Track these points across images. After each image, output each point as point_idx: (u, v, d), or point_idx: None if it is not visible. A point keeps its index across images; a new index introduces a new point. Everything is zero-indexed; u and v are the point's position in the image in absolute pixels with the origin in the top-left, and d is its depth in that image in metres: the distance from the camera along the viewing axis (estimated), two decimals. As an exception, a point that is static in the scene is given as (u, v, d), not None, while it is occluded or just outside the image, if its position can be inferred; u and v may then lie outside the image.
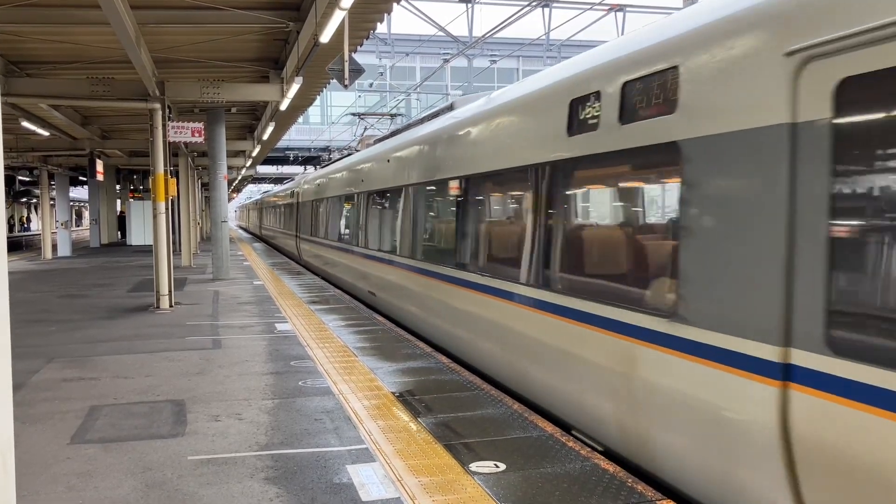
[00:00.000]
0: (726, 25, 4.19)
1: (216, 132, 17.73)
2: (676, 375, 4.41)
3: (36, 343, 9.63)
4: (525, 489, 4.43)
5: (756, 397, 3.77)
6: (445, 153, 9.03)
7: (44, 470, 4.91)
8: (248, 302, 13.49)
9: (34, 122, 18.09)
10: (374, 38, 36.42)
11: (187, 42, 12.16)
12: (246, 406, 6.41)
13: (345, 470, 4.80)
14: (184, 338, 9.84)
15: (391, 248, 11.44)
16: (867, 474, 3.19)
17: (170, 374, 7.71)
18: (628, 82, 5.02)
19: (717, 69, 4.17)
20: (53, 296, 15.15)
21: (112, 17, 8.81)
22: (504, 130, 7.20)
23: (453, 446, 5.22)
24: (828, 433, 3.38)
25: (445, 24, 28.86)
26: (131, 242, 35.41)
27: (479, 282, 7.66)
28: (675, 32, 4.71)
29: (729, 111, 4.05)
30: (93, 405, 6.51)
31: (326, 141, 45.29)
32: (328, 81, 15.97)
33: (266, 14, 10.80)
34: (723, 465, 4.07)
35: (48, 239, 28.31)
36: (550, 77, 6.52)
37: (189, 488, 4.55)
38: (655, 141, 4.68)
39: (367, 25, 11.59)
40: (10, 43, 11.93)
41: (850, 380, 3.28)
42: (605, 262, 5.63)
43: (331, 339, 9.50)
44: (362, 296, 13.96)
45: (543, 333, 6.13)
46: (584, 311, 5.47)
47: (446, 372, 7.55)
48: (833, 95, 3.40)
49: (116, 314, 12.30)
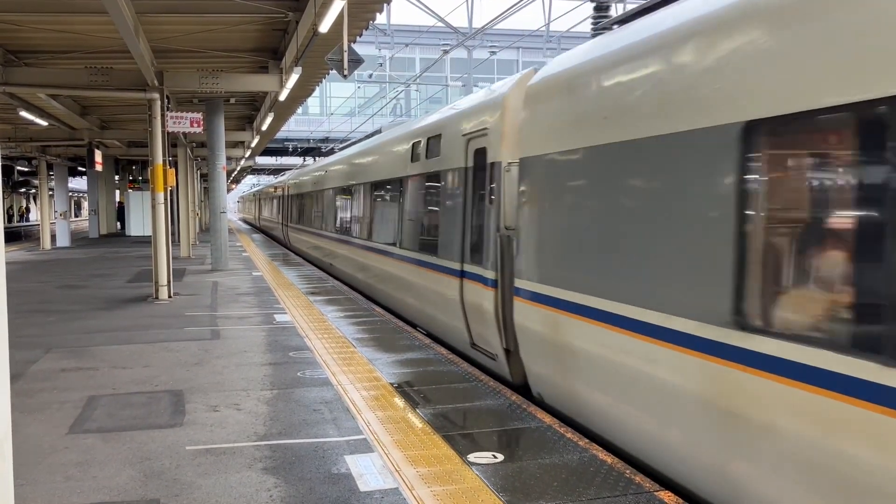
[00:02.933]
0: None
1: (215, 123, 17.69)
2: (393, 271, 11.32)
3: (34, 333, 9.63)
4: (523, 480, 4.43)
5: (454, 285, 8.35)
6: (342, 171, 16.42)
7: (42, 459, 4.91)
8: (246, 293, 13.49)
9: (33, 111, 18.05)
10: (374, 28, 36.33)
11: (186, 32, 12.11)
12: (244, 396, 6.41)
13: (343, 460, 4.81)
14: (182, 328, 9.84)
15: (331, 229, 17.74)
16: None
17: (168, 364, 7.71)
18: (429, 139, 9.77)
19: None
20: (52, 286, 15.14)
21: (110, 7, 8.77)
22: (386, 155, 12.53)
23: (451, 437, 5.22)
24: (471, 296, 7.88)
25: (445, 15, 28.80)
26: (130, 233, 35.35)
27: (367, 244, 13.25)
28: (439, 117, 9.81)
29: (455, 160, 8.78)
30: (91, 395, 6.51)
31: (325, 132, 45.20)
32: (327, 72, 15.93)
33: (265, 4, 10.75)
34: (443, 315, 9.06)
35: (47, 229, 28.28)
36: (401, 130, 12.06)
37: (187, 478, 4.55)
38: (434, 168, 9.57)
39: (366, 16, 11.54)
40: (9, 32, 11.88)
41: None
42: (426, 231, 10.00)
43: (329, 330, 9.50)
44: (323, 264, 19.33)
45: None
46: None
47: (445, 363, 7.55)
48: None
49: (115, 304, 12.30)
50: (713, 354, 3.97)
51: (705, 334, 4.04)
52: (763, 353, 3.63)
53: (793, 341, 3.47)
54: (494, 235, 7.19)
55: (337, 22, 9.39)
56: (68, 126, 23.67)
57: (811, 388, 3.34)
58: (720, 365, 3.91)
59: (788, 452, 3.49)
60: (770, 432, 3.59)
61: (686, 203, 4.32)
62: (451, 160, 8.74)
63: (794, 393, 3.43)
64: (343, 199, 16.28)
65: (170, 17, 11.18)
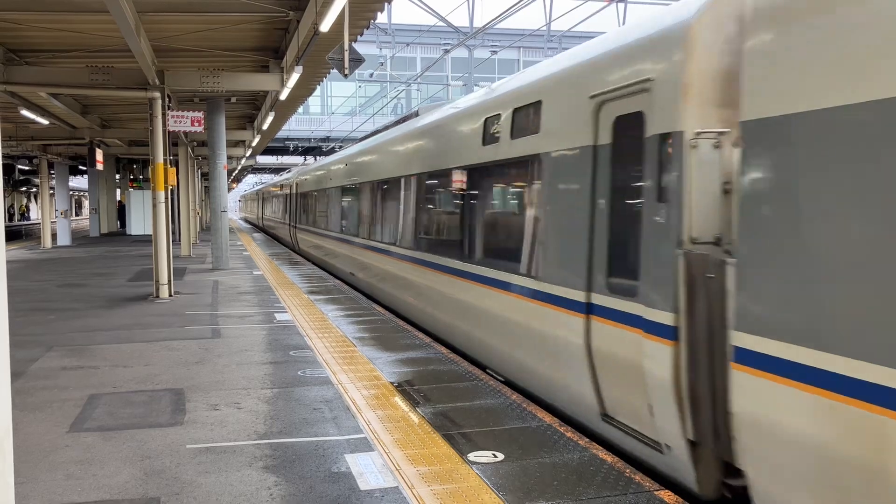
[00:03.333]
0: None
1: (216, 122, 17.69)
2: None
3: (35, 332, 9.64)
4: (523, 479, 4.44)
5: (572, 325, 6.17)
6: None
7: (43, 458, 4.92)
8: (247, 292, 13.50)
9: (34, 110, 18.05)
10: (375, 27, 36.35)
11: (187, 31, 12.12)
12: (245, 395, 6.41)
13: (343, 459, 4.81)
14: (183, 327, 9.85)
15: (354, 233, 15.21)
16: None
17: (169, 363, 7.71)
18: (516, 110, 7.14)
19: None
20: (53, 285, 15.15)
21: (111, 5, 8.77)
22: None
23: (451, 436, 5.23)
24: (610, 345, 5.41)
25: (446, 15, 28.78)
26: (131, 232, 35.38)
27: (406, 254, 10.95)
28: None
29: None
30: (92, 394, 6.52)
31: (326, 131, 45.22)
32: (328, 71, 15.93)
33: (266, 3, 10.75)
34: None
35: (48, 228, 28.30)
36: (462, 104, 9.29)
37: (188, 476, 4.56)
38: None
39: (367, 15, 11.54)
40: (10, 31, 11.89)
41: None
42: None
43: (330, 329, 9.50)
44: (341, 273, 17.27)
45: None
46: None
47: (445, 362, 7.56)
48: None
49: (116, 303, 12.31)
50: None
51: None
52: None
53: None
54: (672, 253, 4.50)
55: (338, 21, 9.39)
56: (69, 125, 23.68)
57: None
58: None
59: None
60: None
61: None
62: (561, 137, 6.05)
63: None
64: (371, 198, 13.27)
65: (171, 15, 11.18)
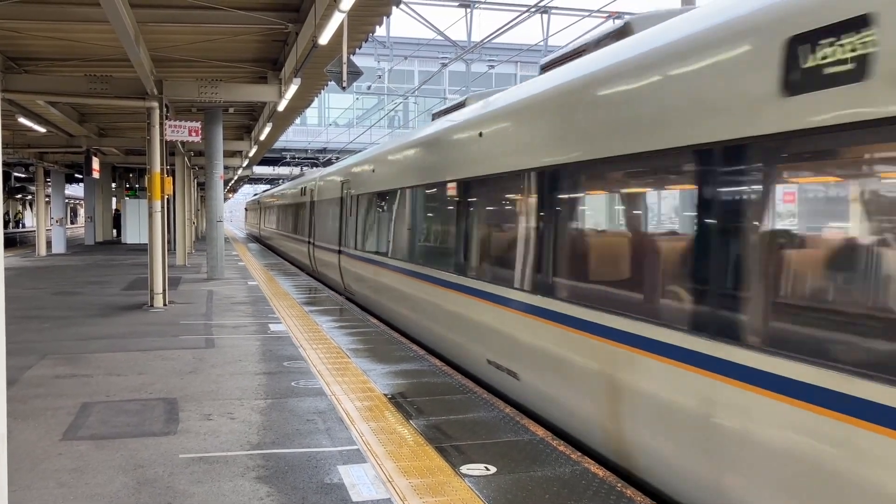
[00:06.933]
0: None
1: (213, 132, 17.74)
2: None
3: (29, 339, 9.62)
4: (515, 492, 4.45)
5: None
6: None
7: (35, 465, 4.92)
8: (242, 302, 13.50)
9: (31, 118, 18.07)
10: (373, 40, 36.45)
11: (186, 41, 12.17)
12: (238, 405, 6.42)
13: (336, 470, 4.82)
14: (177, 336, 9.84)
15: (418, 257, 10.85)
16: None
17: (162, 372, 7.71)
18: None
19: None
20: (47, 293, 15.13)
21: (111, 15, 8.82)
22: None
23: (444, 449, 5.24)
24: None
25: (444, 29, 28.92)
26: (126, 240, 35.30)
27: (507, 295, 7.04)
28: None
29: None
30: (85, 402, 6.51)
31: (323, 142, 45.30)
32: (326, 83, 16.00)
33: (265, 15, 10.81)
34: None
35: (43, 236, 28.25)
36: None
37: (180, 486, 4.56)
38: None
39: (366, 28, 11.61)
40: (9, 39, 11.93)
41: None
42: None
43: (324, 341, 9.51)
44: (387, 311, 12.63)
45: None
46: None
47: (438, 375, 7.57)
48: None
49: (110, 312, 12.29)
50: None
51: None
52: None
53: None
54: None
55: (337, 34, 9.45)
56: (66, 133, 23.67)
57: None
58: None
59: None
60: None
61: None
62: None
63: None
64: (440, 207, 9.36)
65: (170, 26, 11.23)
